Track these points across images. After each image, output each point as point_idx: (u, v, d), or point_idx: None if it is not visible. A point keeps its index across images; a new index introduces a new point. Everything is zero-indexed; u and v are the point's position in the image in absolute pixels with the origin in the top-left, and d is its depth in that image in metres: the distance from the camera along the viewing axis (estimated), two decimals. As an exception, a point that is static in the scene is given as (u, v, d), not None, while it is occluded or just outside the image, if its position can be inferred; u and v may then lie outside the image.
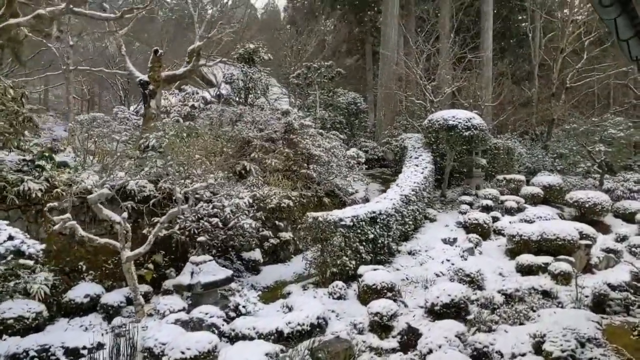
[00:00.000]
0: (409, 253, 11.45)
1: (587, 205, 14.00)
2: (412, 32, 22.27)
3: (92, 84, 28.44)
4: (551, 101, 26.13)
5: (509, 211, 13.68)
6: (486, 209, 13.66)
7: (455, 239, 11.89)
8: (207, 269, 7.22)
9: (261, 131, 11.29)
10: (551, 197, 15.38)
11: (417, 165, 13.74)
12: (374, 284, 8.40)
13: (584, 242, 11.28)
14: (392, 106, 21.22)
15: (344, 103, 16.83)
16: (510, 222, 12.98)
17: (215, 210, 8.69)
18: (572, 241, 11.07)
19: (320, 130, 12.32)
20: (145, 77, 10.64)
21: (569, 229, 11.24)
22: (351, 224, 9.53)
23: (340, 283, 8.88)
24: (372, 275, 8.59)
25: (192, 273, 7.21)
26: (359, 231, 9.80)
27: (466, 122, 13.94)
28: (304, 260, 9.73)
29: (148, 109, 10.48)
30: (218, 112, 11.22)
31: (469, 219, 12.57)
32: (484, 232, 12.51)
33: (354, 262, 9.57)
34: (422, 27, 21.90)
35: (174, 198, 6.95)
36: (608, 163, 18.86)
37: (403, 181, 12.85)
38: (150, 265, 8.75)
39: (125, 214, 6.62)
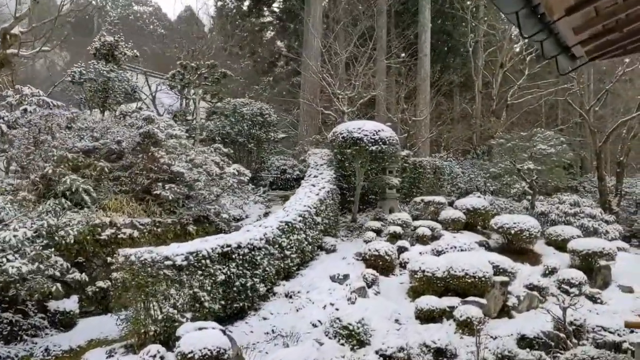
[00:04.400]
0: (287, 295, 9.09)
1: (512, 232, 12.12)
2: (341, 41, 20.49)
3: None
4: (491, 118, 24.92)
5: (421, 239, 11.60)
6: (394, 236, 11.53)
7: (346, 276, 9.62)
8: None
9: (96, 140, 8.81)
10: (475, 222, 13.49)
11: (313, 185, 11.53)
12: (191, 352, 5.92)
13: (499, 278, 9.25)
14: (315, 120, 19.20)
15: (247, 114, 14.60)
16: (420, 253, 10.87)
17: (-28, 247, 6.08)
18: (484, 278, 9.02)
19: (184, 142, 10.00)
20: None
21: (481, 263, 9.21)
22: (185, 263, 7.09)
23: (155, 348, 6.33)
24: (193, 338, 6.12)
25: None
26: (200, 272, 7.36)
27: (373, 135, 11.92)
28: (112, 315, 7.17)
29: None
30: (44, 116, 8.69)
31: (369, 250, 10.38)
32: (386, 265, 10.33)
33: (189, 315, 7.10)
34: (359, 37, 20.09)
35: None
36: (541, 183, 17.37)
37: (292, 204, 10.59)
38: None
39: None
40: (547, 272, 11.19)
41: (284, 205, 10.90)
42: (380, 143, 11.89)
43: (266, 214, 13.10)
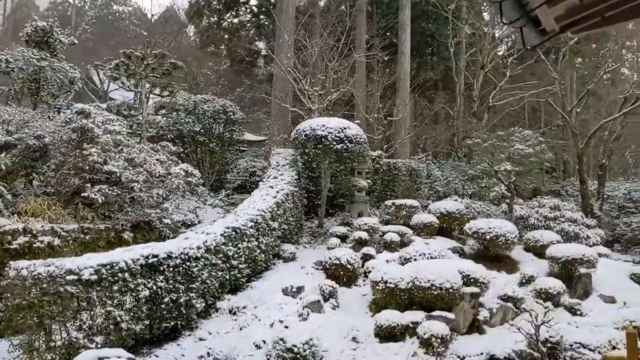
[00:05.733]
0: (231, 311, 8.05)
1: (488, 237, 11.25)
2: (316, 39, 19.58)
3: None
4: (472, 120, 24.23)
5: (389, 246, 10.65)
6: (359, 243, 10.57)
7: (300, 288, 8.61)
8: None
9: (10, 135, 7.70)
10: (450, 226, 12.59)
11: (271, 187, 10.54)
12: (86, 388, 4.88)
13: (469, 290, 8.33)
14: (286, 119, 18.24)
15: (209, 111, 13.56)
16: (387, 261, 9.93)
17: None
18: (451, 290, 8.10)
19: (120, 137, 8.91)
20: None
21: (449, 273, 8.29)
22: (95, 277, 6.02)
23: (50, 381, 5.29)
24: (90, 370, 5.07)
25: None
26: (116, 288, 6.30)
27: (338, 133, 10.98)
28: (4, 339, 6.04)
29: None
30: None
31: (329, 259, 9.39)
32: (347, 275, 9.35)
33: (100, 339, 6.03)
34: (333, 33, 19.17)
35: None
36: (522, 187, 16.65)
37: (244, 208, 9.57)
38: None
39: None
40: (523, 280, 10.32)
41: (235, 209, 9.87)
42: (346, 141, 10.95)
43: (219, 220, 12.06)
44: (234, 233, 8.48)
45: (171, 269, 6.99)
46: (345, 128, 11.16)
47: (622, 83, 30.25)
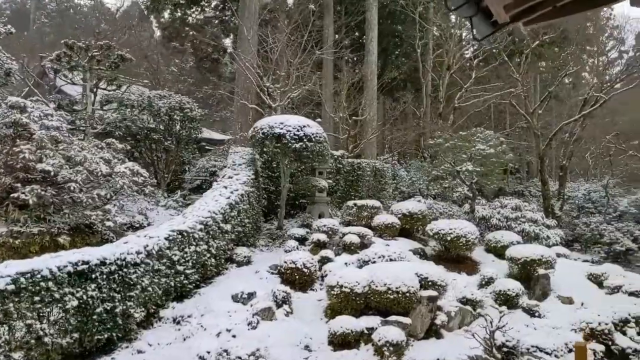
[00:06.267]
0: (175, 320, 7.52)
1: (449, 238, 11.11)
2: (282, 37, 19.11)
3: None
4: (438, 121, 24.34)
5: (349, 248, 10.33)
6: (318, 245, 10.21)
7: (251, 295, 8.15)
8: None
9: None
10: (412, 227, 12.40)
11: (225, 188, 10.03)
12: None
13: (426, 293, 8.09)
14: (249, 117, 17.71)
15: (164, 107, 12.91)
16: (346, 264, 9.62)
17: None
18: (408, 294, 7.83)
19: (55, 133, 8.25)
20: None
21: (406, 276, 8.02)
22: (12, 287, 5.40)
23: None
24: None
25: None
26: (38, 298, 5.68)
27: (297, 131, 10.58)
28: None
29: None
30: None
31: (285, 262, 8.98)
32: (304, 280, 8.96)
33: (19, 355, 5.42)
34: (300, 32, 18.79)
35: None
36: (487, 188, 16.71)
37: (195, 210, 9.03)
38: None
39: None
40: (483, 282, 10.21)
41: (184, 211, 9.31)
42: (305, 140, 10.55)
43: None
44: (180, 236, 7.95)
45: (105, 276, 6.41)
46: (304, 126, 10.76)
47: (583, 86, 31.20)
